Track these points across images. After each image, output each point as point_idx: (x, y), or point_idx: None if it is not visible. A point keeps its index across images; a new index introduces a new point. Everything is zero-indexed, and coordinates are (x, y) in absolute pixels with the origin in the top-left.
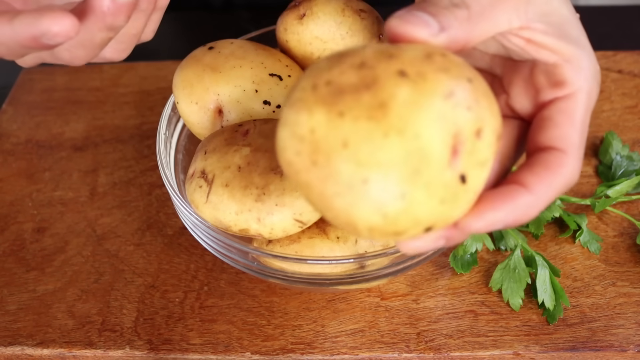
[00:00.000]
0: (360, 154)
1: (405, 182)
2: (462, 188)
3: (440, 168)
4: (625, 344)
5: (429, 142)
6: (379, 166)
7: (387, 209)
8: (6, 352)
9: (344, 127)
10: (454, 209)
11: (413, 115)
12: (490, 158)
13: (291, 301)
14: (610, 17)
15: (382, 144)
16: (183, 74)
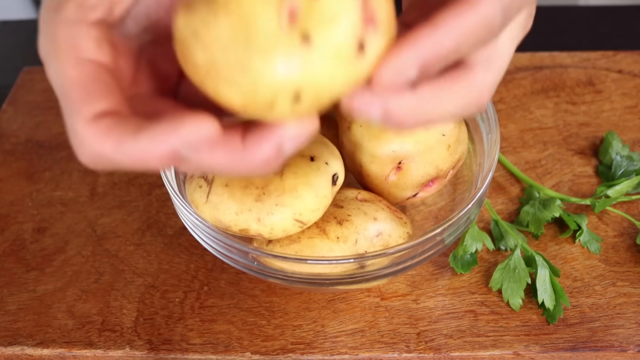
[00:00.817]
0: (204, 38)
1: (241, 54)
2: (309, 49)
3: (272, 31)
4: (625, 344)
5: (251, 8)
6: (218, 45)
7: (240, 83)
8: (6, 352)
9: (193, 19)
10: (309, 68)
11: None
12: (344, 12)
13: (291, 301)
14: (610, 17)
15: (215, 24)
16: None
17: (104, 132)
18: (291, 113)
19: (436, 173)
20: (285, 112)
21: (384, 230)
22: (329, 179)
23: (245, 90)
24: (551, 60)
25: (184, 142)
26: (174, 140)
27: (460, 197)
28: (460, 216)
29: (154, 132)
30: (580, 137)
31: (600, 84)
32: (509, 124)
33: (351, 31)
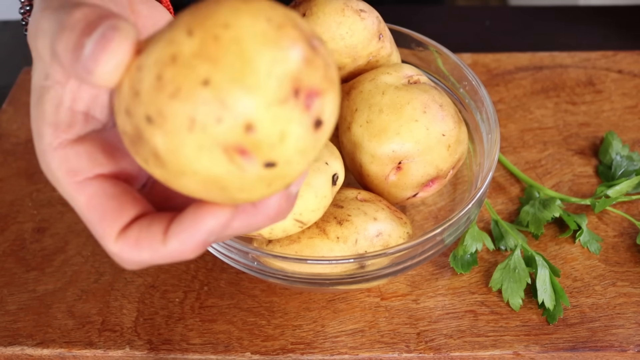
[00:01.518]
0: (178, 187)
1: (224, 195)
2: (278, 168)
3: (238, 176)
4: (625, 344)
5: (207, 170)
6: (197, 192)
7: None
8: (6, 352)
9: (155, 172)
10: (287, 178)
11: (179, 159)
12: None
13: (291, 301)
14: (610, 17)
15: (182, 182)
16: None
17: (134, 246)
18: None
19: (436, 173)
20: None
21: (384, 230)
22: (329, 179)
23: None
24: (551, 60)
25: (209, 234)
26: (200, 236)
27: (460, 197)
28: (460, 216)
29: (181, 234)
30: (580, 137)
31: (600, 84)
32: (509, 124)
33: (303, 127)
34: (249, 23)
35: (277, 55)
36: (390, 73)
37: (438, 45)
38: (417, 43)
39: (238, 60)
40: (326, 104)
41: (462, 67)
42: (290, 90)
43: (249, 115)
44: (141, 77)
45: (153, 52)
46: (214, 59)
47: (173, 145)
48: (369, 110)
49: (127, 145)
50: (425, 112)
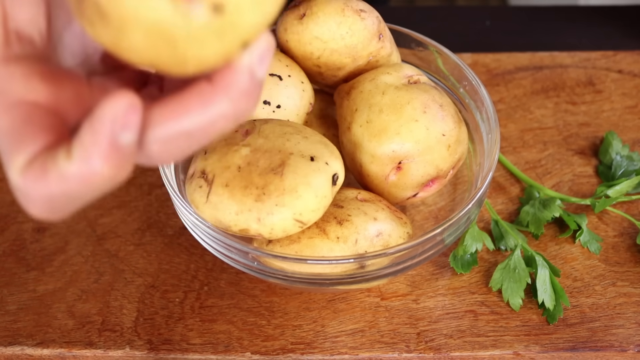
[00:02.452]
0: (125, 48)
1: (174, 53)
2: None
3: (184, 24)
4: (625, 344)
5: (150, 18)
6: (144, 51)
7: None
8: (6, 352)
9: (101, 33)
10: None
11: (120, 7)
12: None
13: (291, 301)
14: (610, 17)
15: (127, 39)
16: None
17: (40, 172)
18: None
19: (436, 173)
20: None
21: (384, 230)
22: (329, 179)
23: (196, 68)
24: (551, 60)
25: (109, 125)
26: (105, 132)
27: (460, 197)
28: (460, 216)
29: (80, 138)
30: (580, 137)
31: (600, 84)
32: (509, 124)
33: None
34: None
35: None
36: (390, 73)
37: (438, 45)
38: (417, 43)
39: None
40: None
41: (462, 67)
42: None
43: None
44: None
45: None
46: None
47: None
48: (369, 110)
49: (73, 9)
50: (425, 112)
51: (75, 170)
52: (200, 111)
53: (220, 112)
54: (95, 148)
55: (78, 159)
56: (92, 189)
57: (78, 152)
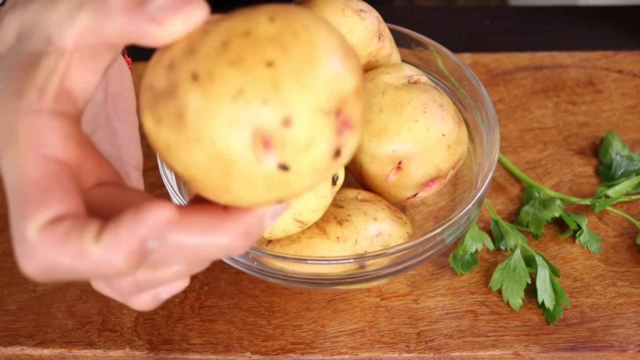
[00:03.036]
0: (179, 158)
1: (222, 181)
2: (287, 175)
3: (249, 164)
4: (625, 344)
5: (224, 147)
6: (196, 168)
7: (225, 198)
8: (6, 352)
9: (164, 134)
10: (289, 189)
11: (204, 124)
12: (319, 134)
13: (291, 301)
14: (610, 17)
15: (189, 151)
16: None
17: (61, 240)
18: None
19: (436, 173)
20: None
21: (384, 230)
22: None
23: (229, 201)
24: (551, 60)
25: (150, 231)
26: (141, 233)
27: (460, 197)
28: (460, 216)
29: (117, 229)
30: (580, 137)
31: (600, 84)
32: (509, 124)
33: (327, 149)
34: (326, 35)
35: (339, 72)
36: (390, 73)
37: (438, 45)
38: (417, 43)
39: (306, 58)
40: (351, 140)
41: (462, 67)
42: (334, 108)
43: (292, 110)
44: (205, 38)
45: (226, 23)
46: (285, 48)
47: (208, 109)
48: (369, 110)
49: (144, 101)
50: (425, 112)
51: (97, 254)
52: (203, 234)
53: (218, 242)
54: (125, 243)
55: (106, 246)
56: (94, 274)
57: (109, 240)
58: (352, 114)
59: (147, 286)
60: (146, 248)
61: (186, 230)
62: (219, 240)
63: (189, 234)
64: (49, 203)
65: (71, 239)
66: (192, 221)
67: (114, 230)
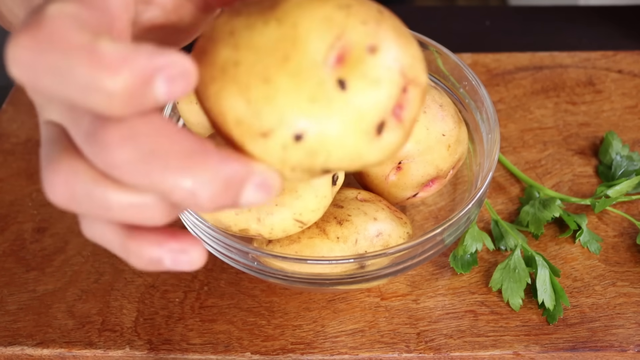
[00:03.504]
0: (239, 39)
1: (272, 66)
2: (338, 94)
3: (313, 61)
4: (625, 344)
5: (304, 32)
6: (251, 48)
7: (251, 94)
8: (6, 352)
9: (235, 21)
10: (326, 115)
11: (297, 10)
12: (387, 82)
13: (291, 301)
14: (610, 17)
15: (259, 29)
16: None
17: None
18: (278, 156)
19: (436, 173)
20: (274, 150)
21: (384, 230)
22: (329, 179)
23: (251, 103)
24: (551, 60)
25: (165, 67)
26: (158, 62)
27: (460, 197)
28: (460, 216)
29: (137, 47)
30: (580, 137)
31: (600, 84)
32: (509, 124)
33: (384, 105)
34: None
35: (419, 60)
36: None
37: (438, 45)
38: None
39: (404, 30)
40: (394, 129)
41: (462, 67)
42: (407, 78)
43: (383, 46)
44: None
45: None
46: (391, 15)
47: (310, 3)
48: None
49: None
50: (425, 112)
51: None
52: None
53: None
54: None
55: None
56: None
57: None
58: (409, 104)
59: (83, 198)
60: (152, 90)
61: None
62: (197, 171)
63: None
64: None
65: (88, 25)
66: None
67: (133, 46)
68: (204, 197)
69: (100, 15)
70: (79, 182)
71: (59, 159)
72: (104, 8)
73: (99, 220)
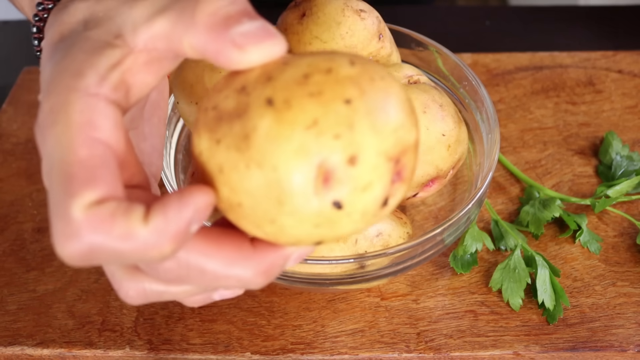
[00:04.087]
0: (231, 180)
1: (271, 210)
2: (338, 214)
3: (305, 197)
4: (625, 344)
5: (286, 175)
6: (246, 193)
7: (265, 229)
8: (6, 352)
9: (219, 155)
10: (334, 230)
11: (271, 148)
12: (378, 180)
13: (291, 301)
14: (610, 17)
15: (245, 174)
16: (183, 74)
17: (109, 220)
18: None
19: (436, 173)
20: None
21: (384, 230)
22: None
23: (268, 235)
24: (551, 60)
25: (194, 212)
26: (187, 214)
27: (460, 197)
28: (460, 216)
29: (165, 211)
30: (580, 137)
31: (600, 84)
32: (509, 124)
33: (381, 195)
34: (398, 89)
35: (407, 123)
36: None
37: (438, 45)
38: (417, 43)
39: (380, 104)
40: (398, 191)
41: (462, 67)
42: (396, 156)
43: (361, 150)
44: (285, 69)
45: (308, 59)
46: (363, 90)
47: (278, 134)
48: None
49: (203, 120)
50: (425, 112)
51: (143, 235)
52: (227, 264)
53: (239, 275)
54: (173, 225)
55: (154, 228)
56: (139, 257)
57: (158, 222)
58: (407, 167)
59: (154, 297)
60: (189, 231)
61: (212, 256)
62: (241, 273)
63: (214, 261)
64: (96, 183)
65: (118, 220)
66: (219, 248)
67: (162, 212)
68: (257, 285)
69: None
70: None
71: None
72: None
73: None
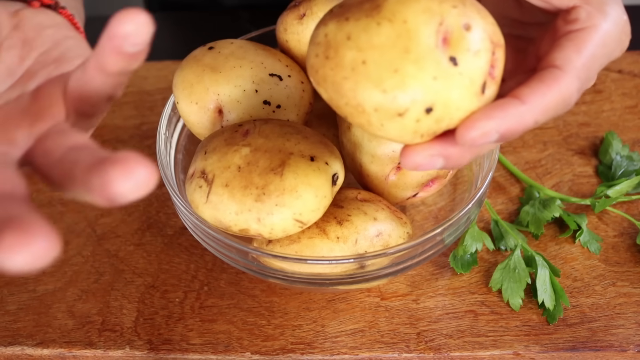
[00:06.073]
0: (359, 41)
1: (396, 59)
2: (453, 69)
3: (428, 47)
4: (625, 344)
5: (415, 26)
6: (374, 48)
7: (385, 84)
8: (6, 352)
9: (348, 26)
10: (448, 87)
11: (401, 8)
12: (484, 51)
13: (291, 301)
14: None
15: (376, 30)
16: (183, 74)
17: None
18: (412, 128)
19: (436, 173)
20: (409, 124)
21: (384, 230)
22: (329, 179)
23: (387, 92)
24: None
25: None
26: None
27: (460, 197)
28: (460, 216)
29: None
30: (580, 137)
31: (600, 84)
32: None
33: (484, 69)
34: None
35: (499, 32)
36: None
37: None
38: None
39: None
40: (492, 86)
41: None
42: (494, 43)
43: (473, 22)
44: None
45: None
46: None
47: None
48: None
49: (328, 15)
50: None
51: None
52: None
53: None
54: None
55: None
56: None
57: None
58: (498, 63)
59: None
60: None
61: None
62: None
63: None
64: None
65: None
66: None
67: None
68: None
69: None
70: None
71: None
72: None
73: None
